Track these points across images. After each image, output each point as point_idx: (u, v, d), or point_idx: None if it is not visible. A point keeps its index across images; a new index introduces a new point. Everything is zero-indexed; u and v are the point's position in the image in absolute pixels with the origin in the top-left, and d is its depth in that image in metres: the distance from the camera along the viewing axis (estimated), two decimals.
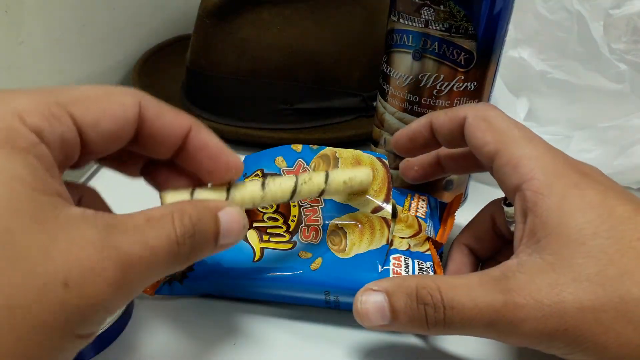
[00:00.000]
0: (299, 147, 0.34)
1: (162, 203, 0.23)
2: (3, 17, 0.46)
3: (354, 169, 0.28)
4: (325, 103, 0.47)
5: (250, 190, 0.24)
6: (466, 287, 0.22)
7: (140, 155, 0.23)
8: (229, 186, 0.24)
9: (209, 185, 0.24)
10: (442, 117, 0.27)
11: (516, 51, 0.47)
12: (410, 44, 0.33)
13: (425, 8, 0.32)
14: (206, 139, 0.23)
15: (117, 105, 0.20)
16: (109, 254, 0.17)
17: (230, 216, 0.21)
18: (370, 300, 0.23)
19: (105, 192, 0.24)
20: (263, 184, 0.24)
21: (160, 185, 0.25)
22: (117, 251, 0.17)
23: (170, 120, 0.22)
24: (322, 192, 0.26)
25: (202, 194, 0.23)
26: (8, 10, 0.46)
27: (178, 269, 0.20)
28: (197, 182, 0.24)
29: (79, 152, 0.19)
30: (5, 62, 0.47)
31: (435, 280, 0.23)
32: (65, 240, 0.16)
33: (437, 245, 0.31)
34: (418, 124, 0.29)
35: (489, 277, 0.22)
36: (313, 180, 0.25)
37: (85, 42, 0.54)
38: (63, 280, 0.15)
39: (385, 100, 0.37)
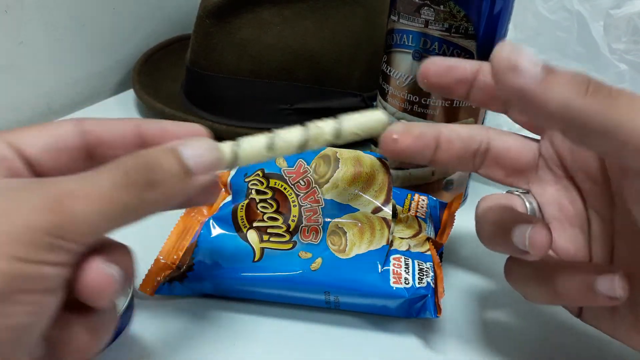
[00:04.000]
0: None
1: None
2: (3, 17, 0.46)
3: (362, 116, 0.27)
4: (325, 103, 0.47)
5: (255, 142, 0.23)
6: None
7: None
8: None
9: None
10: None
11: None
12: (410, 44, 0.33)
13: (425, 8, 0.32)
14: (159, 125, 0.23)
15: (53, 125, 0.22)
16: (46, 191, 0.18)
17: (191, 144, 0.21)
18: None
19: None
20: (270, 139, 0.23)
21: None
22: (55, 186, 0.18)
23: (114, 122, 0.23)
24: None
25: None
26: (8, 10, 0.46)
27: (142, 199, 0.19)
28: None
29: (23, 166, 0.21)
30: (5, 62, 0.47)
31: None
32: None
33: (437, 246, 0.31)
34: (461, 61, 0.25)
35: None
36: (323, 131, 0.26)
37: (85, 42, 0.54)
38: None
39: (385, 100, 0.37)
